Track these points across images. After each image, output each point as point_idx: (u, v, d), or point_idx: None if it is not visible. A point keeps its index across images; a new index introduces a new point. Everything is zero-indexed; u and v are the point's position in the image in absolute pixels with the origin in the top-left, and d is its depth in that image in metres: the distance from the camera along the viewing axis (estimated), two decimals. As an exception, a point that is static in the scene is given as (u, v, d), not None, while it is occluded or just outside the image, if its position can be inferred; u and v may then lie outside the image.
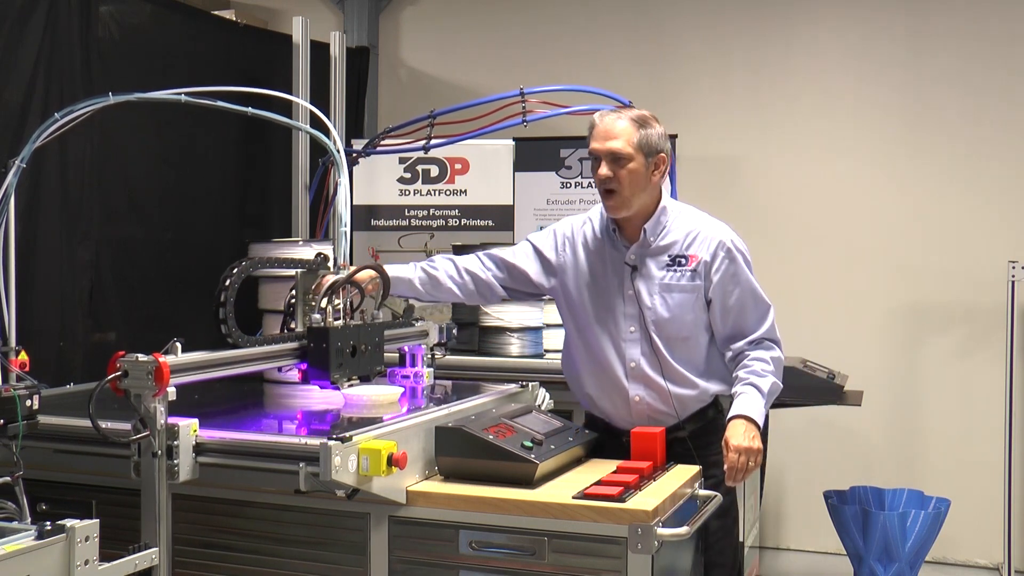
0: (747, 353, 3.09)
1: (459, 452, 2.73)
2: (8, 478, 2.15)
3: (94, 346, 4.11)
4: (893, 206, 5.71)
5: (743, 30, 5.93)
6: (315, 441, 2.44)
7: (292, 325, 3.07)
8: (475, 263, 3.30)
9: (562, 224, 3.31)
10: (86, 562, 1.95)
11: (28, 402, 2.22)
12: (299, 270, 3.09)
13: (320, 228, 5.07)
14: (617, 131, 3.03)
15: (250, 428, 2.82)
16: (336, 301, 2.92)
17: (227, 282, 2.82)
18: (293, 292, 3.10)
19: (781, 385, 3.13)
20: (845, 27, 5.80)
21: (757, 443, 2.94)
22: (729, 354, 3.13)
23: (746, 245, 3.15)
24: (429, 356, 3.51)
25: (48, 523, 1.95)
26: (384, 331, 3.14)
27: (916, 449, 5.67)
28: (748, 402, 3.02)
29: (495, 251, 3.35)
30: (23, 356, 2.51)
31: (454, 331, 3.86)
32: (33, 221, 3.81)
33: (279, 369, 3.01)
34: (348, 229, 2.99)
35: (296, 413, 3.26)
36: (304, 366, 2.94)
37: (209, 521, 2.73)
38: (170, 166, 4.60)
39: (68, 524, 1.94)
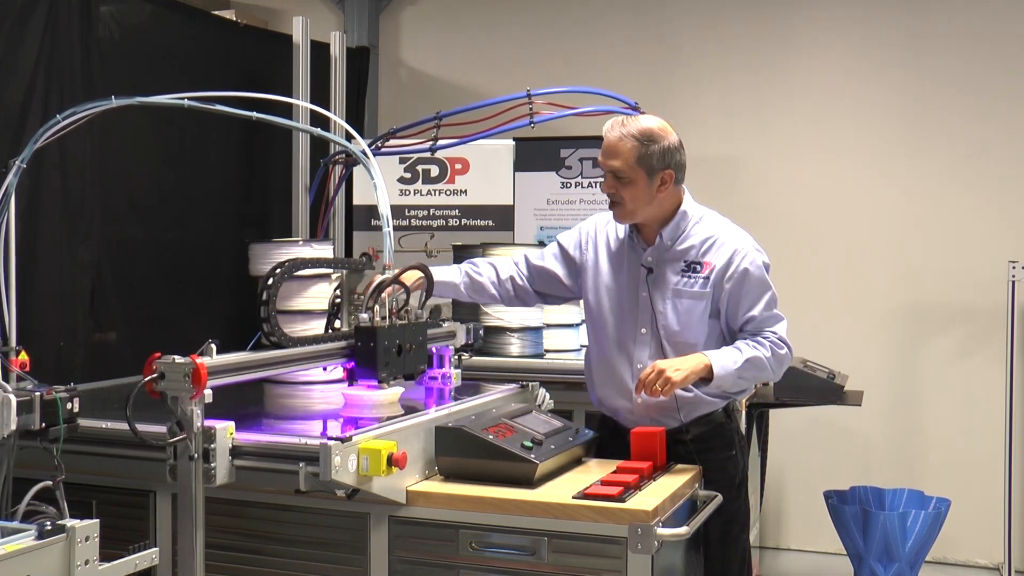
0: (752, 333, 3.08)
1: (459, 452, 2.73)
2: (49, 481, 2.15)
3: (94, 346, 4.11)
4: (893, 206, 5.71)
5: (744, 31, 5.93)
6: (315, 441, 2.44)
7: (337, 324, 3.08)
8: (513, 269, 3.33)
9: (587, 222, 3.31)
10: (86, 562, 1.94)
11: (68, 405, 2.22)
12: (344, 270, 3.10)
13: (321, 229, 5.06)
14: (617, 150, 3.00)
15: (251, 429, 2.82)
16: (383, 300, 2.93)
17: (269, 282, 2.83)
18: (338, 292, 3.11)
19: (773, 375, 3.09)
20: (845, 27, 5.80)
21: (679, 375, 2.89)
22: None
23: (767, 256, 3.11)
24: (456, 357, 3.52)
25: (48, 523, 1.95)
26: (427, 331, 3.15)
27: (916, 449, 5.67)
28: (719, 351, 3.01)
29: (528, 254, 3.35)
30: (23, 356, 2.50)
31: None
32: (34, 221, 3.80)
33: (323, 368, 3.01)
34: (391, 228, 2.98)
35: (297, 414, 3.26)
36: (351, 365, 2.95)
37: (210, 521, 2.73)
38: (170, 166, 4.60)
39: (68, 524, 1.93)
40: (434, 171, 5.34)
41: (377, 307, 2.91)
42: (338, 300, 3.14)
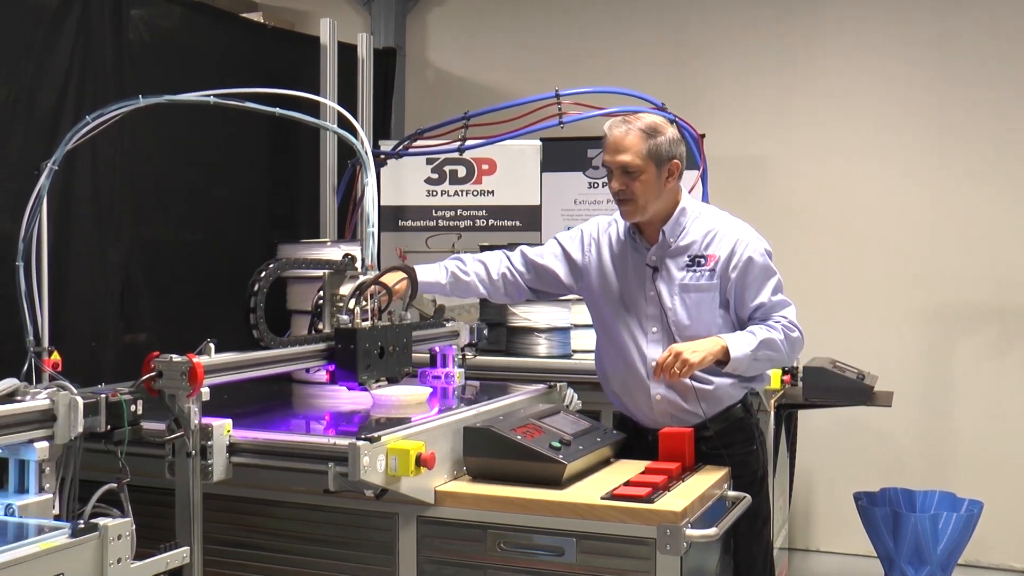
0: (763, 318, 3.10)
1: (487, 452, 2.73)
2: (114, 484, 2.17)
3: (125, 347, 4.14)
4: (922, 206, 5.66)
5: (769, 32, 5.90)
6: (344, 441, 2.45)
7: (320, 326, 3.08)
8: (504, 264, 3.32)
9: (589, 224, 3.32)
10: (119, 560, 1.96)
11: (132, 407, 2.24)
12: (327, 271, 3.10)
13: (348, 229, 5.09)
14: (626, 144, 3.03)
15: (279, 428, 2.84)
16: (364, 302, 2.93)
17: (257, 283, 2.84)
18: (321, 293, 3.11)
19: (787, 357, 3.10)
20: (871, 27, 5.75)
21: (697, 357, 2.92)
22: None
23: (768, 243, 3.14)
24: (460, 356, 3.52)
25: (81, 521, 1.97)
26: (412, 332, 3.14)
27: (948, 450, 5.62)
28: (734, 335, 3.03)
29: (525, 250, 3.35)
30: (55, 356, 2.53)
31: (485, 331, 3.84)
32: (65, 223, 3.84)
33: (307, 370, 3.02)
34: (376, 230, 2.99)
35: (325, 413, 3.27)
36: (332, 367, 2.95)
37: (238, 520, 2.75)
38: (199, 168, 4.63)
39: (101, 523, 1.95)
40: (461, 172, 5.34)
41: (358, 308, 2.90)
42: (320, 301, 3.13)
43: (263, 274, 2.87)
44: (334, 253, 3.48)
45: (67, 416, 2.14)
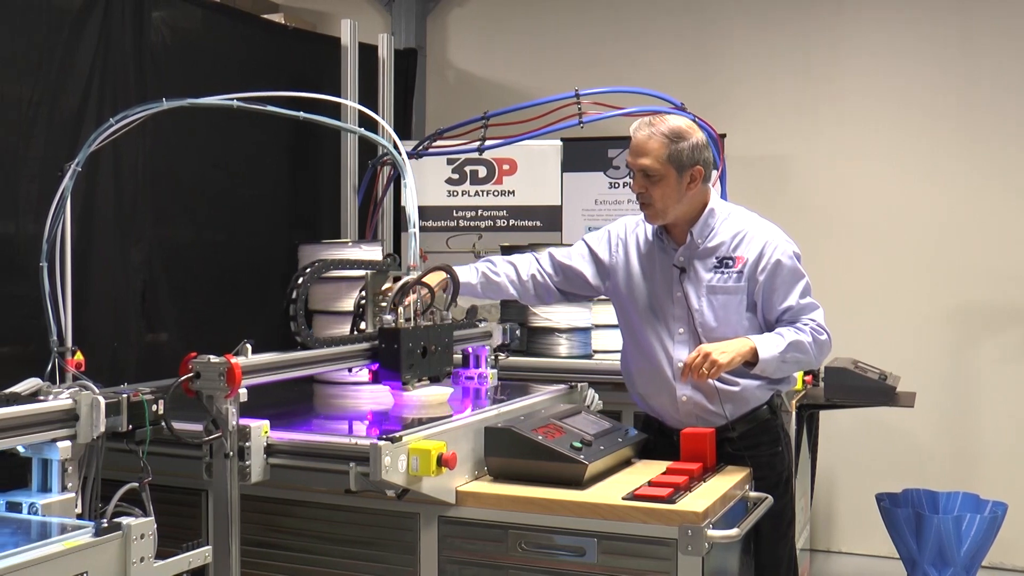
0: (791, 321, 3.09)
1: (508, 452, 2.73)
2: (136, 483, 2.18)
3: (147, 347, 4.16)
4: (943, 205, 5.62)
5: (789, 31, 5.88)
6: (365, 441, 2.45)
7: (362, 326, 3.08)
8: (534, 266, 3.33)
9: (617, 225, 3.32)
10: (141, 559, 1.97)
11: (154, 407, 2.25)
12: (369, 271, 3.11)
13: (369, 230, 5.10)
14: (647, 148, 3.02)
15: (305, 429, 2.84)
16: (407, 302, 2.93)
17: (299, 282, 2.85)
18: (363, 293, 3.12)
19: (815, 360, 3.09)
20: (895, 28, 5.72)
21: (725, 358, 2.90)
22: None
23: (796, 246, 3.12)
24: (493, 357, 3.51)
25: (104, 520, 1.98)
26: (453, 332, 3.14)
27: (971, 451, 5.58)
28: (762, 336, 3.02)
29: (553, 252, 3.36)
30: (79, 356, 2.54)
31: (517, 332, 3.83)
32: (88, 224, 3.86)
33: (349, 370, 3.02)
34: (416, 230, 2.99)
35: (350, 414, 3.28)
36: (375, 367, 2.95)
37: (261, 520, 2.76)
38: (221, 169, 4.65)
39: (124, 522, 1.96)
40: (482, 172, 5.34)
41: (401, 308, 2.90)
42: (363, 302, 3.14)
43: (308, 271, 2.88)
44: (356, 253, 3.49)
45: (89, 416, 2.15)
